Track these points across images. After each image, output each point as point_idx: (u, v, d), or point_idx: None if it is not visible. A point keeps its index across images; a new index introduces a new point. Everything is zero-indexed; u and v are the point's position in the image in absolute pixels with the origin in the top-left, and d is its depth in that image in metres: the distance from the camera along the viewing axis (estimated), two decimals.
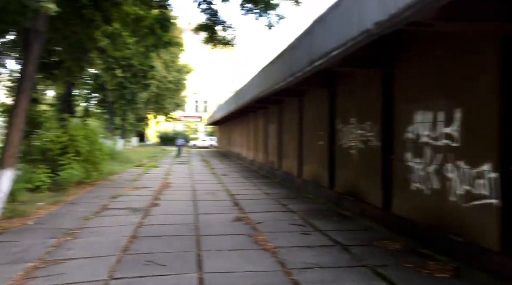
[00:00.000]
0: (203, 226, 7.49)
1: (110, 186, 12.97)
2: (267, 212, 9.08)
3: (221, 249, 5.95)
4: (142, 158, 26.45)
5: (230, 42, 11.19)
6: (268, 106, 17.41)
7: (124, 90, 21.91)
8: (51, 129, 13.14)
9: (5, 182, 6.70)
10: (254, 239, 6.60)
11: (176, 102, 38.25)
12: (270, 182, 14.90)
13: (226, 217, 8.36)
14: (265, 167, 18.52)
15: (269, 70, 12.84)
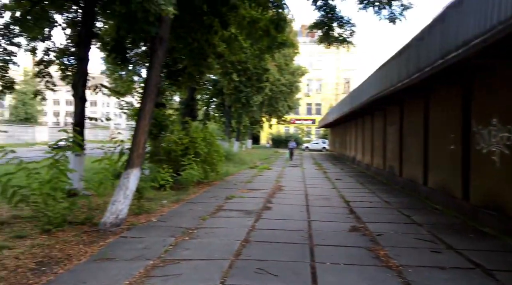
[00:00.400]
0: (316, 234, 7.05)
1: (226, 187, 13.34)
2: (388, 223, 8.23)
3: (337, 263, 5.43)
4: (256, 160, 27.08)
5: (348, 39, 10.48)
6: (386, 106, 16.19)
7: (240, 93, 22.68)
8: (174, 132, 14.08)
9: (132, 180, 7.17)
10: (375, 254, 5.92)
11: (289, 105, 38.53)
12: (389, 189, 13.75)
13: (342, 226, 7.79)
14: (383, 172, 17.26)
15: (388, 67, 11.82)
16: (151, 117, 7.37)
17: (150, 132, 13.00)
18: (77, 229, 6.94)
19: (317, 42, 10.73)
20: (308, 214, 8.92)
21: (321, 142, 54.02)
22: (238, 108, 26.02)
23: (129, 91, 19.46)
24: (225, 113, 31.96)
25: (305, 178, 17.28)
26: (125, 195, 7.09)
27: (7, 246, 5.74)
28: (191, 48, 10.38)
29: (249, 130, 42.30)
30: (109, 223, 6.89)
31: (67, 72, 12.86)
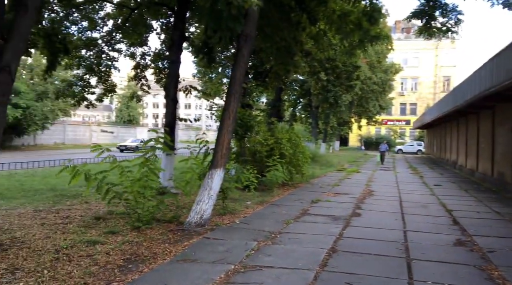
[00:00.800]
0: (414, 247, 6.26)
1: (311, 190, 12.86)
2: (501, 237, 7.08)
3: (441, 283, 4.68)
4: (343, 162, 26.05)
5: (453, 29, 9.25)
6: (495, 105, 14.28)
7: (328, 93, 21.95)
8: (260, 132, 14.00)
9: (216, 181, 7.10)
10: (487, 275, 5.04)
11: (380, 105, 36.48)
12: (500, 198, 12.05)
13: (444, 239, 6.86)
14: (491, 179, 15.28)
15: (503, 59, 10.30)
16: (235, 116, 7.24)
17: (236, 132, 13.09)
18: (164, 227, 7.07)
19: (415, 33, 9.69)
20: (403, 223, 8.08)
21: (416, 144, 50.39)
22: (325, 109, 25.25)
23: (218, 92, 19.97)
24: (312, 114, 31.35)
25: (399, 182, 16.02)
26: (209, 195, 7.04)
27: (100, 241, 5.99)
28: (277, 47, 10.13)
29: (337, 131, 41.05)
30: (193, 223, 6.90)
31: (161, 75, 13.49)
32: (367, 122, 43.34)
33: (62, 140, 38.61)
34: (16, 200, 9.46)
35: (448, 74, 58.33)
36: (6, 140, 31.26)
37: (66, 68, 12.50)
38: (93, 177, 6.63)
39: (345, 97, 22.79)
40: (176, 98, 11.17)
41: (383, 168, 23.98)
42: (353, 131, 50.44)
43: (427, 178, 18.34)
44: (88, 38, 12.06)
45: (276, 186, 12.33)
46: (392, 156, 41.90)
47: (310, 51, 12.11)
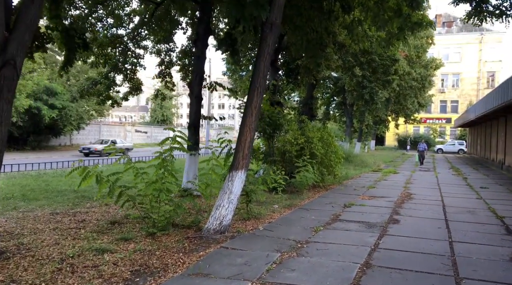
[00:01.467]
0: (462, 262, 5.40)
1: (344, 192, 12.02)
2: None
3: None
4: (379, 163, 24.81)
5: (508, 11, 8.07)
6: None
7: (363, 90, 20.84)
8: (290, 131, 13.31)
9: (237, 184, 6.49)
10: None
11: (419, 102, 34.62)
12: None
13: (498, 252, 5.92)
14: None
15: None
16: (258, 113, 6.60)
17: (264, 131, 12.48)
18: (182, 233, 6.55)
19: (463, 19, 8.60)
20: (448, 232, 7.15)
21: (457, 143, 47.81)
22: (360, 106, 24.07)
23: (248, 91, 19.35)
24: (346, 112, 30.19)
25: (440, 184, 14.83)
26: (229, 199, 6.44)
27: (110, 249, 5.53)
28: (308, 39, 9.39)
29: (373, 130, 39.50)
30: (212, 230, 6.33)
31: (188, 73, 13.06)
32: (404, 121, 41.46)
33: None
34: (37, 201, 9.26)
35: (493, 69, 55.05)
36: (43, 141, 32.17)
37: (92, 66, 12.32)
38: (105, 179, 6.19)
39: (381, 94, 21.56)
40: (200, 95, 10.67)
41: (423, 169, 22.59)
42: (389, 130, 48.55)
43: (472, 179, 16.96)
44: (113, 35, 11.79)
45: (306, 188, 11.60)
46: (432, 155, 39.88)
47: (343, 43, 11.26)
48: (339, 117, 34.64)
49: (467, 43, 55.72)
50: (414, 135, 52.96)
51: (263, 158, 13.22)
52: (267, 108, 12.61)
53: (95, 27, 11.27)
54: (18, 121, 27.79)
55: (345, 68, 17.92)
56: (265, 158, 13.20)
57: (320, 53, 9.78)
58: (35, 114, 28.61)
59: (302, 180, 11.21)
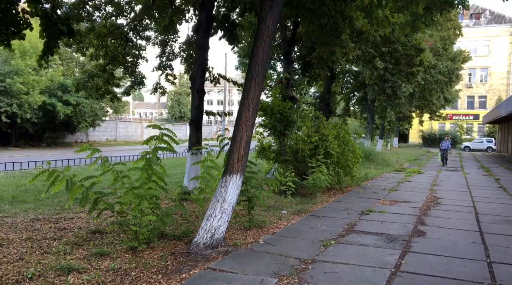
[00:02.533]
0: None
1: (362, 196, 10.90)
2: None
3: None
4: (403, 161, 23.42)
5: None
6: None
7: (385, 83, 19.50)
8: (303, 128, 12.26)
9: (231, 190, 5.53)
10: None
11: (445, 97, 32.75)
12: None
13: None
14: None
15: None
16: (256, 107, 5.61)
17: (274, 128, 11.47)
18: (169, 247, 5.65)
19: None
20: (485, 249, 6.00)
21: (486, 140, 45.47)
22: (382, 101, 22.66)
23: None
24: (367, 108, 28.77)
25: (470, 187, 13.48)
26: (222, 209, 5.49)
27: (79, 268, 4.67)
28: (321, 24, 8.31)
29: (396, 127, 37.81)
30: (202, 244, 5.39)
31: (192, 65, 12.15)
32: (429, 117, 39.57)
33: (114, 137, 39.18)
34: (25, 205, 8.55)
35: None
36: (58, 137, 32.02)
37: (92, 59, 11.58)
38: (77, 184, 5.32)
39: (405, 88, 20.15)
40: (202, 89, 9.76)
41: (450, 169, 21.10)
42: (413, 127, 46.66)
43: (505, 181, 15.50)
44: (112, 24, 10.97)
45: (320, 191, 10.53)
46: (459, 153, 37.95)
47: (361, 30, 10.10)
48: (360, 113, 33.20)
49: (496, 36, 53.01)
50: (440, 132, 50.76)
51: (274, 157, 12.24)
52: (277, 103, 11.59)
53: (92, 16, 10.48)
54: (33, 118, 27.61)
55: (366, 60, 16.69)
56: (276, 157, 12.22)
57: (334, 40, 8.68)
58: (49, 111, 28.40)
59: (315, 182, 10.16)
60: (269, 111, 11.56)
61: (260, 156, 12.47)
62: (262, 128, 11.94)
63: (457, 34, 28.18)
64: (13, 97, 25.40)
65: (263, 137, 12.44)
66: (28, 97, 25.80)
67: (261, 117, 11.93)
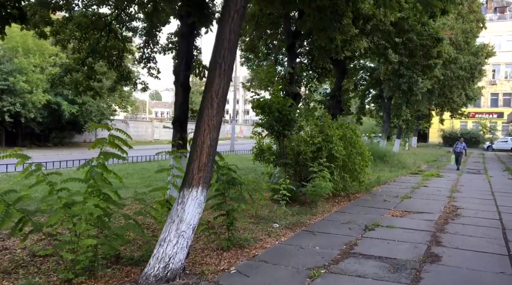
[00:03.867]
0: None
1: (370, 205, 9.60)
2: None
3: None
4: (420, 163, 21.85)
5: None
6: None
7: (400, 78, 18.01)
8: (305, 128, 11.06)
9: (191, 208, 4.40)
10: None
11: (467, 94, 30.75)
12: None
13: None
14: None
15: None
16: (223, 102, 4.45)
17: (272, 128, 10.29)
18: (118, 277, 4.58)
19: None
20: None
21: (510, 140, 43.10)
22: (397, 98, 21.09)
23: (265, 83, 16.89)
24: (383, 106, 27.19)
25: (495, 194, 12.00)
26: (178, 232, 4.36)
27: None
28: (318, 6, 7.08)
29: (415, 126, 35.92)
30: (153, 277, 4.27)
31: None
32: (450, 115, 37.54)
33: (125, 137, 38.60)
34: None
35: None
36: (66, 137, 31.51)
37: (74, 52, 10.62)
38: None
39: (422, 83, 18.59)
40: (187, 83, 8.67)
41: (471, 171, 19.49)
42: (433, 126, 44.63)
43: None
44: (94, 13, 9.96)
45: (320, 199, 9.29)
46: (481, 154, 35.90)
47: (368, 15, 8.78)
48: (376, 111, 31.58)
49: None
50: (461, 131, 48.46)
51: (274, 159, 11.06)
52: (276, 99, 10.43)
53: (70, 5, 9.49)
54: (38, 117, 27.08)
55: (378, 53, 15.29)
56: (276, 159, 11.05)
57: (333, 25, 7.44)
58: (55, 110, 27.83)
59: (316, 190, 8.94)
60: (266, 109, 10.40)
61: (259, 159, 11.32)
62: (260, 128, 10.78)
63: (480, 27, 26.32)
64: (16, 96, 24.86)
65: (261, 138, 11.25)
66: (32, 96, 25.23)
67: (259, 115, 10.81)
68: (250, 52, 16.41)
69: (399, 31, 11.81)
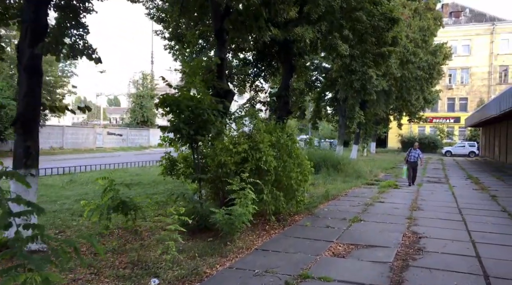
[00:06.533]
0: None
1: (306, 235, 7.16)
2: None
3: None
4: (377, 171, 19.96)
5: None
6: None
7: (352, 75, 15.96)
8: (227, 132, 8.58)
9: None
10: None
11: (425, 98, 29.43)
12: None
13: None
14: None
15: None
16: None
17: (179, 131, 7.71)
18: None
19: None
20: None
21: (468, 144, 42.73)
22: (350, 98, 19.05)
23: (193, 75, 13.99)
24: (339, 110, 25.29)
25: (463, 211, 9.94)
26: None
27: None
28: None
29: (374, 130, 34.40)
30: None
31: None
32: (409, 120, 36.43)
33: (60, 144, 34.61)
34: None
35: (506, 63, 49.87)
36: None
37: None
38: None
39: (377, 81, 16.65)
40: (36, 65, 5.93)
41: (432, 179, 17.71)
42: (391, 131, 43.59)
43: (504, 199, 12.07)
44: None
45: (240, 230, 6.76)
46: (440, 159, 34.94)
47: None
48: (332, 116, 29.71)
49: (477, 35, 50.59)
50: (420, 136, 47.86)
51: (183, 172, 8.49)
52: (188, 96, 7.91)
53: None
54: None
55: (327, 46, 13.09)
56: (186, 172, 8.49)
57: None
58: None
59: (231, 219, 6.42)
60: (174, 107, 7.83)
61: (169, 173, 8.71)
62: (166, 132, 8.18)
63: (438, 25, 25.09)
64: None
65: (176, 145, 8.62)
66: None
67: (166, 115, 8.21)
68: (177, 42, 13.76)
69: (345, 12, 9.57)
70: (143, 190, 12.43)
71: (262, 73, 17.90)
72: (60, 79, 37.44)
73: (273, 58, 17.15)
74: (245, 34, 8.84)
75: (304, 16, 11.11)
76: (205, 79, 10.65)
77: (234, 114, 10.51)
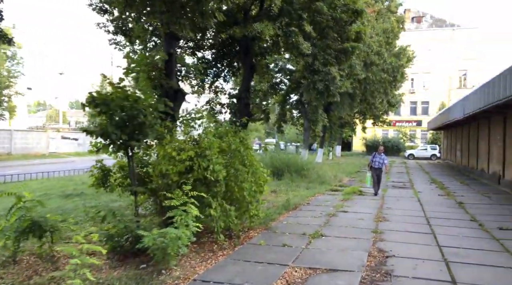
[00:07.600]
0: None
1: (258, 258, 6.14)
2: None
3: None
4: (342, 176, 19.32)
5: None
6: None
7: (315, 75, 15.20)
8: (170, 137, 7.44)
9: None
10: None
11: (389, 101, 29.33)
12: None
13: None
14: None
15: None
16: None
17: (108, 135, 6.52)
18: None
19: None
20: None
21: (430, 148, 43.41)
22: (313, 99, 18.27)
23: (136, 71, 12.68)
24: (304, 113, 24.61)
25: (430, 220, 9.25)
26: None
27: None
28: None
29: (339, 134, 34.07)
30: None
31: None
32: (373, 123, 36.44)
33: (8, 150, 32.04)
34: None
35: (465, 68, 51.29)
36: None
37: None
38: None
39: (340, 82, 16.00)
40: None
41: (397, 184, 17.22)
42: (356, 134, 43.63)
43: (471, 205, 11.57)
44: None
45: (179, 255, 5.66)
46: (404, 162, 35.08)
47: None
48: (297, 119, 29.02)
49: (437, 40, 51.80)
50: (383, 139, 48.25)
51: (120, 184, 7.32)
52: (120, 94, 6.76)
53: None
54: None
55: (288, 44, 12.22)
56: (121, 183, 7.33)
57: None
58: None
59: (166, 243, 5.30)
60: (103, 107, 6.64)
61: (102, 185, 7.48)
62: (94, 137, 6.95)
63: (400, 27, 24.96)
64: None
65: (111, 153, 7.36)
66: None
67: (97, 117, 6.99)
68: (122, 36, 12.49)
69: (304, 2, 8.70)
70: (83, 201, 11.06)
71: (222, 73, 16.84)
72: (6, 79, 34.82)
73: (233, 57, 16.14)
74: (181, 18, 7.74)
75: (264, 12, 10.20)
76: (150, 77, 9.56)
77: (187, 116, 9.40)
